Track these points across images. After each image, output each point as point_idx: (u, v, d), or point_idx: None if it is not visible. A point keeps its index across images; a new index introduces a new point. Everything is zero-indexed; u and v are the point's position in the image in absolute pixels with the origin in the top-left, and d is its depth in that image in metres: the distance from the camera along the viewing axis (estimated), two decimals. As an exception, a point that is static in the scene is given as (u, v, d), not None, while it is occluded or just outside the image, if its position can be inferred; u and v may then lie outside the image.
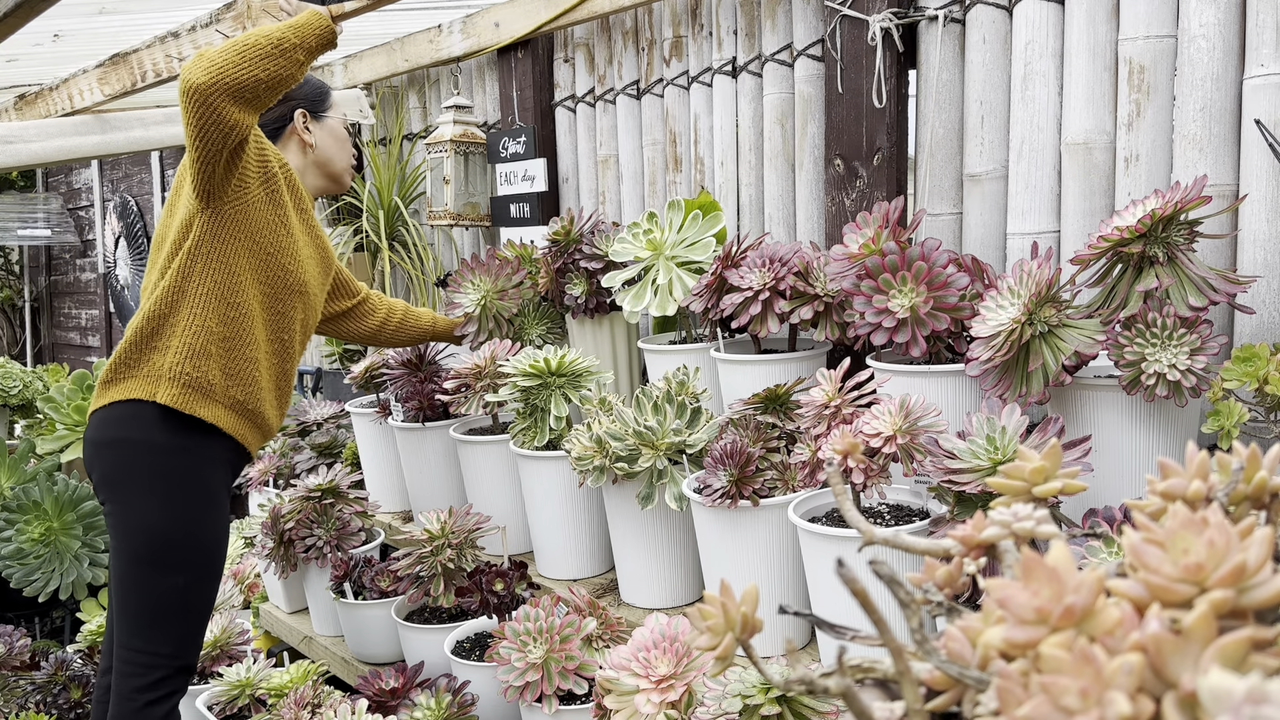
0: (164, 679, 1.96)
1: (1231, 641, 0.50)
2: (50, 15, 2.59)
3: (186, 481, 1.96)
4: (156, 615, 1.96)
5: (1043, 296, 1.57)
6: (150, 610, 1.95)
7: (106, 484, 1.95)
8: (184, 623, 1.99)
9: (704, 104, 2.59)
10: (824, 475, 1.75)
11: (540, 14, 2.88)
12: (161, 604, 1.95)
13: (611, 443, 2.00)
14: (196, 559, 1.97)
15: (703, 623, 0.77)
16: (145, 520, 1.92)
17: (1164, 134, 1.73)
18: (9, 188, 7.19)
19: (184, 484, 1.95)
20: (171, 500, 1.94)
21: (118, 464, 1.94)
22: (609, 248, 2.45)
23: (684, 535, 2.07)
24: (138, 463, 1.93)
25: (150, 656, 1.96)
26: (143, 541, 1.93)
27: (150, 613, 1.96)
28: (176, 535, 1.94)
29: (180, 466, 1.95)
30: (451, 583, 2.24)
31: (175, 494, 1.94)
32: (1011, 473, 0.87)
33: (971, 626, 0.62)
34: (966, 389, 1.76)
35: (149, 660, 1.96)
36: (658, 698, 1.53)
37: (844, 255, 1.89)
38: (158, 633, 1.96)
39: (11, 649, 2.91)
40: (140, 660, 1.96)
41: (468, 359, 2.51)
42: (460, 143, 3.19)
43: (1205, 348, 1.46)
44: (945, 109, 2.03)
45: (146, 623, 1.96)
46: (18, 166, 3.58)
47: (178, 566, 1.95)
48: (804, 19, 2.28)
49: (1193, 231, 1.53)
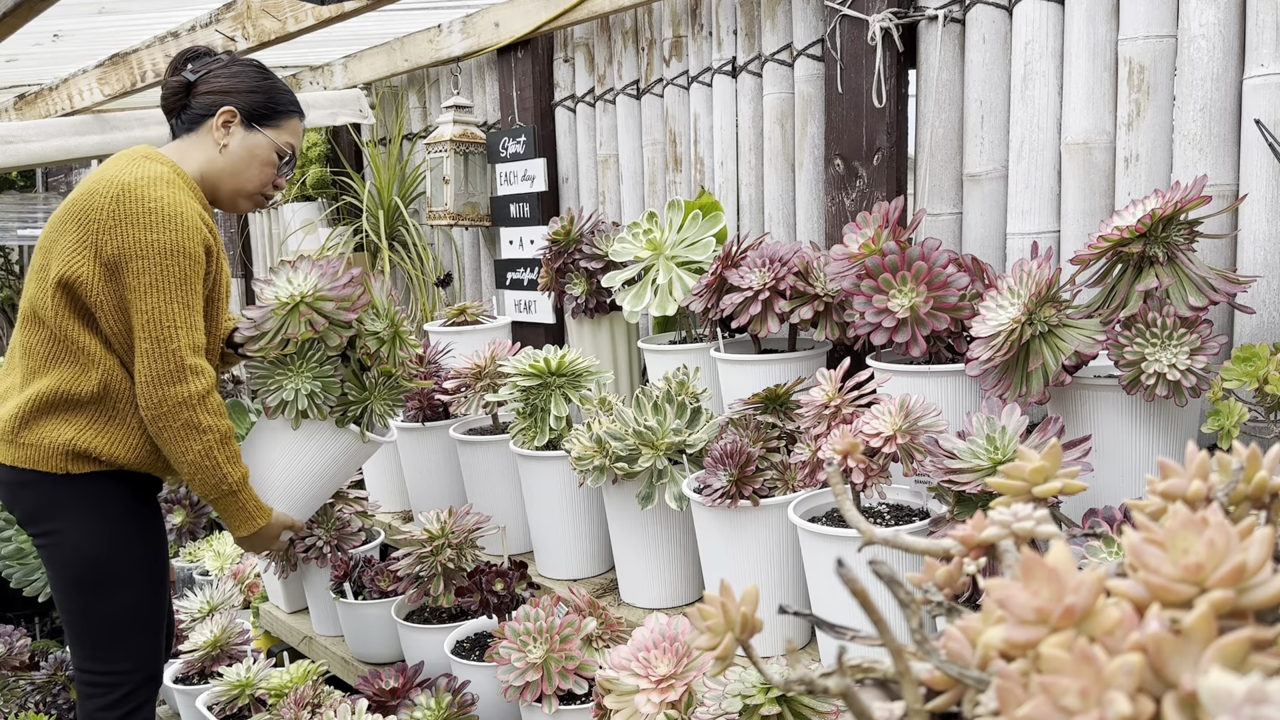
0: (129, 694, 1.95)
1: (1231, 642, 0.50)
2: (50, 15, 2.59)
3: (107, 508, 1.92)
4: (110, 636, 1.94)
5: (1043, 296, 1.57)
6: (103, 633, 1.94)
7: (29, 521, 1.94)
8: (139, 637, 1.97)
9: (704, 104, 2.59)
10: (824, 475, 1.75)
11: (540, 14, 2.88)
12: (111, 624, 1.94)
13: (611, 443, 2.00)
14: (135, 576, 1.95)
15: (703, 623, 0.77)
16: (77, 550, 1.90)
17: (1164, 134, 1.73)
18: (9, 188, 7.19)
19: (105, 511, 1.92)
20: (99, 527, 1.91)
21: (37, 501, 1.91)
22: (609, 248, 2.45)
23: (684, 535, 2.07)
24: (57, 495, 1.90)
25: (112, 676, 1.94)
26: (79, 570, 1.91)
27: (104, 635, 1.94)
28: (110, 558, 1.92)
29: (98, 493, 1.91)
30: (451, 583, 2.24)
31: (100, 521, 1.91)
32: (1011, 473, 0.87)
33: (971, 626, 0.62)
34: (966, 389, 1.76)
35: (111, 680, 1.94)
36: (658, 698, 1.53)
37: (844, 255, 1.89)
38: (115, 651, 1.94)
39: (11, 649, 2.91)
40: (103, 682, 1.94)
41: (468, 359, 2.51)
42: (460, 143, 3.19)
43: (1205, 347, 1.46)
44: (945, 109, 2.03)
45: (104, 644, 1.94)
46: (18, 166, 3.58)
47: (119, 586, 1.93)
48: (804, 19, 2.28)
49: (1193, 231, 1.53)
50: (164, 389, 1.79)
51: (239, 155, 1.97)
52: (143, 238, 1.77)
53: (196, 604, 2.95)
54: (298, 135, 2.05)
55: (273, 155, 2.00)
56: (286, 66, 4.02)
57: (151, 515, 2.03)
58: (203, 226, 1.86)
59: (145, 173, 1.83)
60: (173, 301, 1.79)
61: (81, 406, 1.87)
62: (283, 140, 2.01)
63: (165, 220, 1.79)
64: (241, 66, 1.99)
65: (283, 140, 2.01)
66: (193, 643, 2.71)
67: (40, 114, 4.14)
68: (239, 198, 2.02)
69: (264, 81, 1.99)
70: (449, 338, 2.87)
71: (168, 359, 1.78)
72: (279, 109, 2.00)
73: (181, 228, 1.81)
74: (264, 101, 1.98)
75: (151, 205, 1.79)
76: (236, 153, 1.97)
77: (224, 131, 1.96)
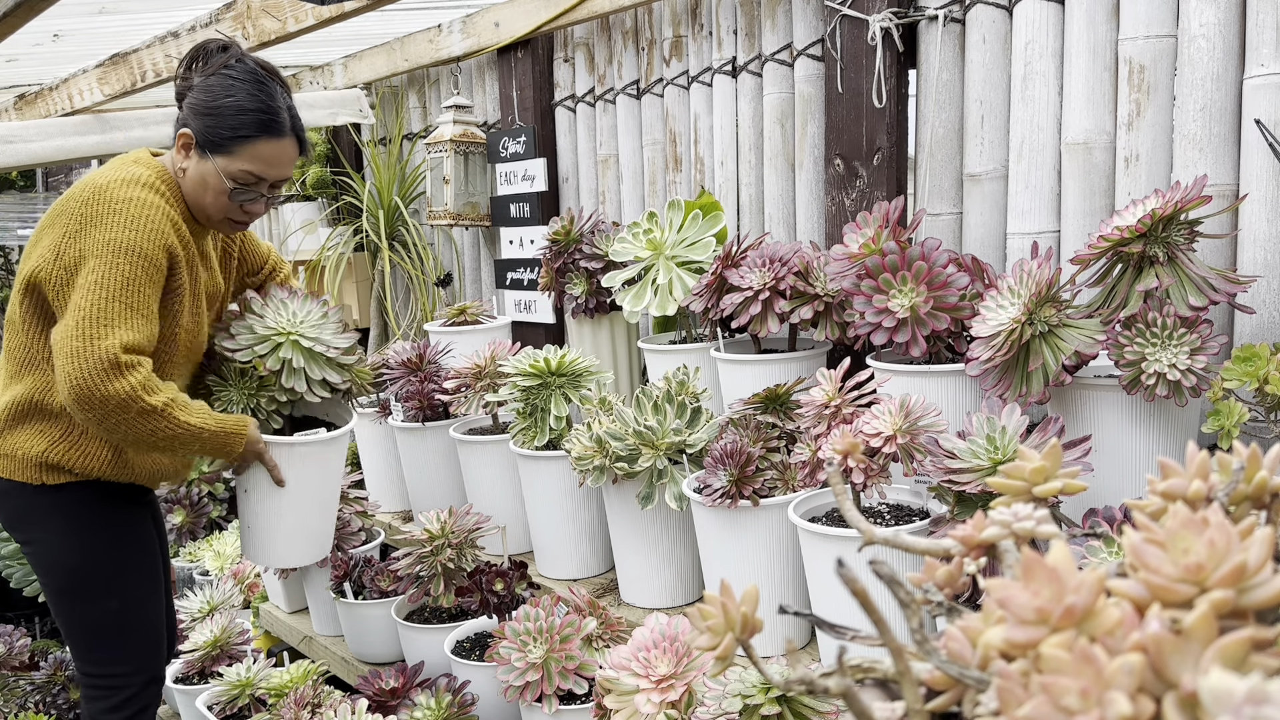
0: (131, 697, 1.93)
1: (1232, 642, 0.50)
2: (50, 15, 2.59)
3: (83, 520, 1.89)
4: (101, 641, 1.92)
5: (1043, 296, 1.57)
6: (93, 637, 1.92)
7: (12, 527, 1.92)
8: (132, 640, 1.94)
9: (704, 104, 2.59)
10: (824, 475, 1.75)
11: (540, 14, 2.88)
12: (100, 629, 1.91)
13: (611, 442, 2.00)
14: (120, 582, 1.91)
15: (703, 623, 0.77)
16: (57, 558, 1.88)
17: (1164, 134, 1.73)
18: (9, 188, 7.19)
19: (81, 523, 1.89)
20: (76, 538, 1.88)
21: (15, 510, 1.90)
22: (609, 247, 2.45)
23: (684, 535, 2.07)
24: (34, 505, 1.88)
25: (112, 679, 1.92)
26: (60, 577, 1.89)
27: (95, 639, 1.92)
28: (92, 567, 1.89)
29: (74, 503, 1.88)
30: (451, 583, 2.24)
31: (77, 533, 1.88)
32: (1011, 473, 0.87)
33: (971, 626, 0.62)
34: (966, 389, 1.76)
35: (111, 682, 1.92)
36: (658, 697, 1.53)
37: (844, 255, 1.89)
38: (109, 655, 1.92)
39: (11, 649, 2.91)
40: (102, 684, 1.92)
41: (468, 359, 2.51)
42: (460, 142, 3.19)
43: (1205, 347, 1.46)
44: (945, 109, 2.03)
45: (97, 647, 1.92)
46: (18, 166, 3.58)
47: (104, 594, 1.90)
48: (804, 19, 2.28)
49: (1193, 231, 1.53)
50: (102, 388, 1.66)
51: (194, 181, 1.83)
52: (101, 237, 1.71)
53: (196, 604, 2.95)
54: (264, 159, 1.82)
55: (224, 184, 1.81)
56: (287, 66, 4.02)
57: (136, 520, 1.97)
58: (170, 232, 1.77)
59: (123, 175, 1.77)
60: (114, 300, 1.69)
61: (54, 417, 1.84)
62: (236, 168, 1.80)
63: (127, 220, 1.72)
64: (215, 80, 1.81)
65: (236, 168, 1.80)
66: (193, 643, 2.71)
67: (40, 114, 4.14)
68: (207, 219, 1.88)
69: (219, 102, 1.79)
70: (449, 338, 2.87)
71: (100, 357, 1.66)
72: (230, 134, 1.79)
73: (142, 229, 1.72)
74: (212, 127, 1.79)
75: (116, 206, 1.73)
76: (192, 178, 1.83)
77: (183, 155, 1.83)
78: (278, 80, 1.87)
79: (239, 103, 1.79)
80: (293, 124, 1.86)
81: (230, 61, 1.83)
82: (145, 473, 1.94)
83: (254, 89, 1.81)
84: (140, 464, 1.92)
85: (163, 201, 1.79)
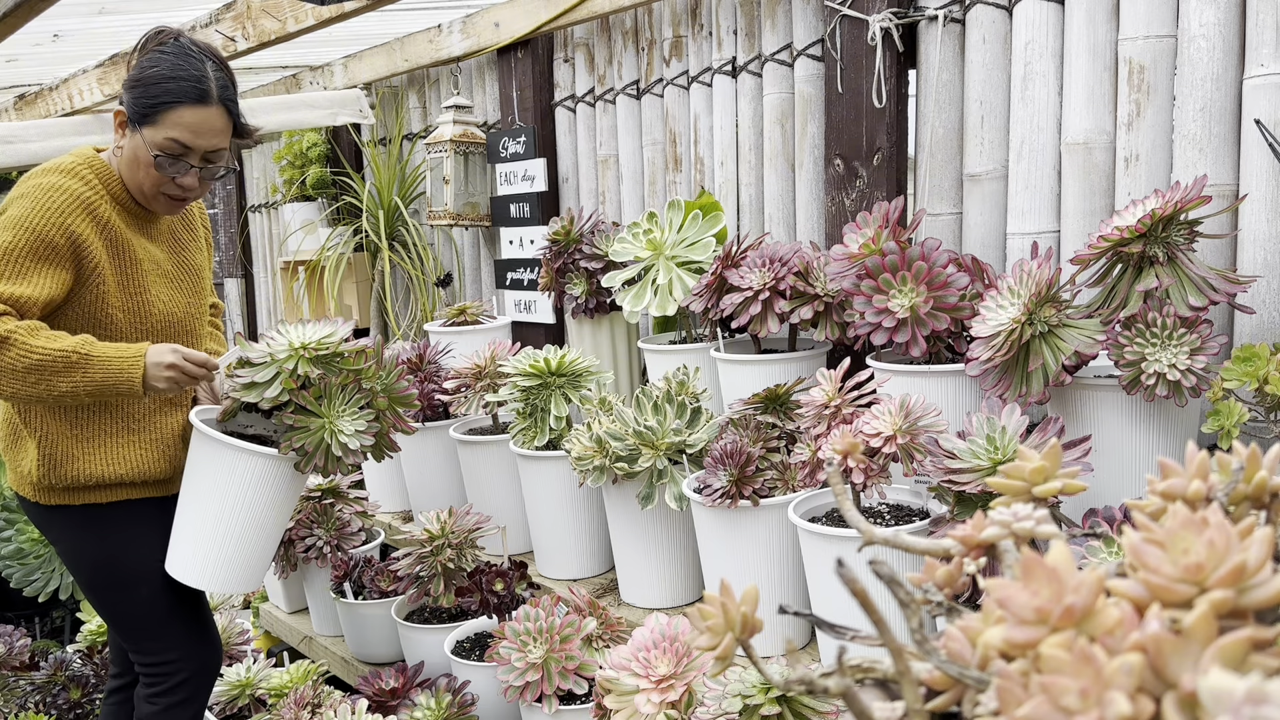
0: (183, 683, 1.96)
1: (1231, 641, 0.50)
2: (50, 15, 2.59)
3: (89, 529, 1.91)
4: (140, 628, 1.95)
5: (1043, 296, 1.57)
6: (132, 625, 1.95)
7: (37, 525, 1.97)
8: (172, 626, 1.96)
9: (704, 104, 2.59)
10: (824, 475, 1.75)
11: (540, 14, 2.88)
12: (136, 617, 1.94)
13: (611, 443, 2.00)
14: (143, 570, 1.93)
15: (703, 623, 0.77)
16: (79, 559, 1.92)
17: (1164, 134, 1.73)
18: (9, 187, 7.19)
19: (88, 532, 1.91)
20: (89, 545, 1.91)
21: (34, 518, 1.96)
22: (609, 248, 2.45)
23: (684, 535, 2.07)
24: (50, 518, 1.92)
25: (162, 666, 1.96)
26: (87, 570, 1.92)
27: (133, 627, 1.95)
28: (111, 558, 1.91)
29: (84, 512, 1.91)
30: (451, 583, 2.24)
31: (88, 541, 1.91)
32: (1011, 473, 0.87)
33: (971, 626, 0.62)
34: (966, 389, 1.76)
35: (162, 669, 1.96)
36: (658, 698, 1.53)
37: (844, 255, 1.89)
38: (154, 644, 1.95)
39: (11, 649, 2.91)
40: (155, 670, 1.96)
41: (468, 359, 2.51)
42: (460, 143, 3.19)
43: (1205, 347, 1.46)
44: (945, 109, 2.03)
45: (140, 636, 1.96)
46: (18, 166, 3.58)
47: (130, 583, 1.92)
48: (804, 19, 2.28)
49: (1193, 231, 1.53)
50: None
51: (128, 158, 1.82)
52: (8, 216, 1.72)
53: (196, 604, 2.95)
54: (188, 126, 1.78)
55: (149, 158, 1.79)
56: (287, 66, 4.02)
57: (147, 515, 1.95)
58: (77, 213, 1.75)
59: (50, 164, 1.79)
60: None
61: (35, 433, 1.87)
62: (160, 137, 1.77)
63: (31, 200, 1.72)
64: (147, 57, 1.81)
65: (160, 137, 1.77)
66: (193, 643, 2.71)
67: (40, 114, 4.14)
68: (146, 199, 1.86)
69: (145, 74, 1.78)
70: (449, 338, 2.87)
71: None
72: (152, 103, 1.77)
73: (41, 208, 1.71)
74: (139, 97, 1.78)
75: (26, 189, 1.74)
76: (126, 155, 1.83)
77: (120, 134, 1.84)
78: (211, 56, 1.84)
79: (161, 72, 1.78)
80: (221, 94, 1.82)
81: (165, 40, 1.83)
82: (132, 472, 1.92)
83: (179, 60, 1.79)
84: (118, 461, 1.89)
85: (77, 184, 1.78)
